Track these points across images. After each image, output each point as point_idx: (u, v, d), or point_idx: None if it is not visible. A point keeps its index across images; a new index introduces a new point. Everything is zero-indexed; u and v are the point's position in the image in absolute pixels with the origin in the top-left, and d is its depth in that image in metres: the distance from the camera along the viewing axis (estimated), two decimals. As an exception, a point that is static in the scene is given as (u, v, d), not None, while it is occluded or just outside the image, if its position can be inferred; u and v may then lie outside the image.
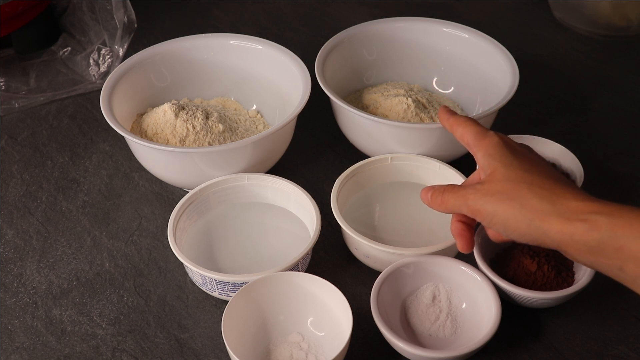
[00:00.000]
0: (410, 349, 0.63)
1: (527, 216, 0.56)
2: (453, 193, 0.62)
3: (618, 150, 0.89)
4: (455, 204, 0.61)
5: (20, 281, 0.76)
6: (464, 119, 0.67)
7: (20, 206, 0.84)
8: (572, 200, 0.55)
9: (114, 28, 0.99)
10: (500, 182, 0.59)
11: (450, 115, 0.68)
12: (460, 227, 0.64)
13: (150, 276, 0.76)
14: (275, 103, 0.89)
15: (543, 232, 0.55)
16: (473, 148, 0.64)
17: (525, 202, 0.56)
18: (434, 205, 0.64)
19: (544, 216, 0.55)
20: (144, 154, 0.79)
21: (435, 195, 0.64)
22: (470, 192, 0.60)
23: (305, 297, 0.68)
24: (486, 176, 0.60)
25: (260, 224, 0.79)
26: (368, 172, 0.80)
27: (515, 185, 0.58)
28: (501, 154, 0.61)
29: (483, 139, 0.63)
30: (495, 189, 0.58)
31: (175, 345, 0.70)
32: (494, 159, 0.61)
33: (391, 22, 0.93)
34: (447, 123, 0.69)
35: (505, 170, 0.59)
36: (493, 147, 0.62)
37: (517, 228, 0.57)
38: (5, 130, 0.94)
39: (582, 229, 0.53)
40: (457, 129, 0.67)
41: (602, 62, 1.05)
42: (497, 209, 0.58)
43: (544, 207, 0.55)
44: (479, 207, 0.59)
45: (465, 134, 0.65)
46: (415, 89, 0.92)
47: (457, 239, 0.64)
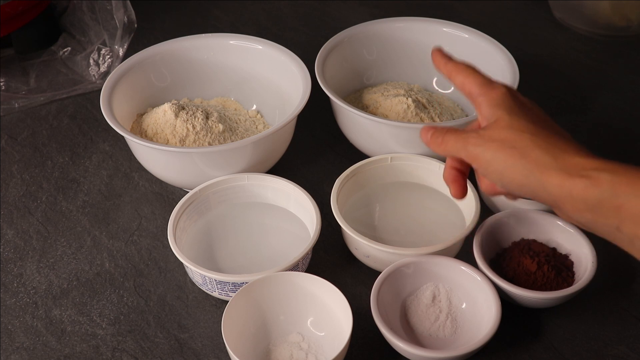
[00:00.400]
0: (410, 349, 0.63)
1: (527, 167, 0.54)
2: (454, 135, 0.59)
3: (618, 150, 0.89)
4: (455, 147, 0.59)
5: (20, 281, 0.76)
6: (464, 66, 0.62)
7: (20, 206, 0.84)
8: (574, 155, 0.54)
9: (114, 28, 0.99)
10: (503, 129, 0.56)
11: (448, 60, 0.63)
12: (454, 174, 0.63)
13: (150, 276, 0.76)
14: (275, 103, 0.89)
15: (541, 184, 0.54)
16: (477, 97, 0.60)
17: (526, 153, 0.55)
18: (432, 144, 0.61)
19: (544, 169, 0.54)
20: (144, 154, 0.79)
21: (436, 135, 0.61)
22: (472, 136, 0.58)
23: (305, 297, 0.68)
24: (490, 124, 0.58)
25: (260, 224, 0.79)
26: (368, 172, 0.80)
27: (518, 135, 0.56)
28: (507, 104, 0.58)
29: (490, 89, 0.60)
30: (497, 136, 0.56)
31: (175, 345, 0.70)
32: (499, 107, 0.58)
33: (391, 22, 0.93)
34: (444, 68, 0.63)
35: (510, 118, 0.57)
36: (500, 96, 0.59)
37: (514, 178, 0.55)
38: (5, 130, 0.94)
39: (582, 184, 0.52)
40: (457, 76, 0.62)
41: (602, 62, 1.05)
42: (496, 156, 0.56)
43: (546, 159, 0.54)
44: (478, 152, 0.57)
45: (467, 82, 0.61)
46: (415, 89, 0.92)
47: (451, 184, 0.63)
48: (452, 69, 0.62)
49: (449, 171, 0.63)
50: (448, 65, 0.63)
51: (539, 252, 0.71)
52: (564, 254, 0.73)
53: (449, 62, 0.63)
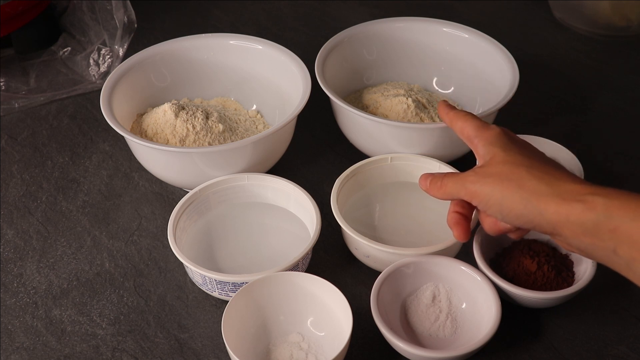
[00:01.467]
0: (410, 349, 0.63)
1: (524, 196, 0.56)
2: (452, 177, 0.63)
3: (618, 150, 0.89)
4: (454, 188, 0.62)
5: (20, 281, 0.76)
6: (464, 113, 0.68)
7: (20, 206, 0.84)
8: (569, 182, 0.56)
9: (114, 28, 0.99)
10: (499, 164, 0.59)
11: (450, 109, 0.70)
12: (457, 217, 0.65)
13: (150, 276, 0.76)
14: (275, 103, 0.89)
15: (539, 212, 0.56)
16: (474, 140, 0.64)
17: (522, 183, 0.57)
18: (432, 190, 0.65)
19: (541, 196, 0.56)
20: (144, 154, 0.79)
21: (434, 181, 0.64)
22: (469, 175, 0.61)
23: (305, 297, 0.68)
24: (486, 161, 0.61)
25: (260, 224, 0.79)
26: (368, 172, 0.80)
27: (513, 168, 0.58)
28: (502, 142, 0.62)
29: (485, 130, 0.64)
30: (493, 171, 0.59)
31: (175, 345, 0.70)
32: (493, 145, 0.62)
33: (391, 22, 0.93)
34: (446, 117, 0.70)
35: (505, 154, 0.60)
36: (494, 136, 0.63)
37: (513, 209, 0.57)
38: (5, 130, 0.94)
39: (578, 209, 0.53)
40: (457, 122, 0.67)
41: (602, 62, 1.05)
42: (494, 189, 0.58)
43: (542, 188, 0.56)
44: (476, 189, 0.60)
45: (465, 127, 0.66)
46: (415, 89, 0.92)
47: (454, 227, 0.65)
48: (452, 116, 0.68)
49: (452, 215, 0.65)
50: (450, 114, 0.69)
51: (539, 252, 0.71)
52: (564, 254, 0.73)
53: (450, 111, 0.69)
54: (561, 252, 0.73)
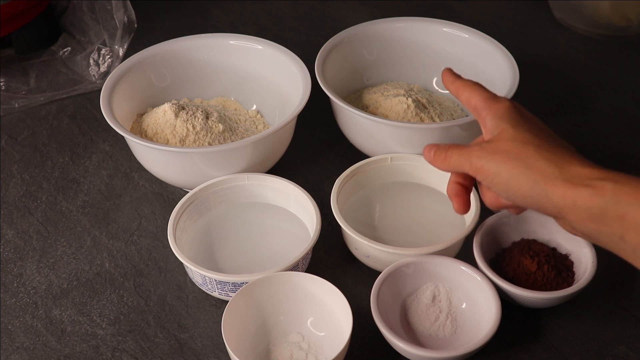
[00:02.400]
0: (410, 349, 0.63)
1: (532, 177, 0.55)
2: (457, 150, 0.61)
3: (618, 150, 0.89)
4: (459, 161, 0.60)
5: (20, 281, 0.76)
6: (471, 83, 0.64)
7: (20, 206, 0.84)
8: (578, 166, 0.54)
9: (114, 28, 0.99)
10: (507, 141, 0.57)
11: (456, 78, 0.66)
12: (457, 188, 0.63)
13: (150, 276, 0.76)
14: (275, 103, 0.89)
15: (546, 194, 0.54)
16: (482, 111, 0.62)
17: (531, 164, 0.55)
18: (436, 161, 0.63)
19: (549, 179, 0.54)
20: (144, 154, 0.79)
21: (439, 152, 0.62)
22: (475, 150, 0.59)
23: (305, 297, 0.68)
24: (493, 136, 0.59)
25: (260, 224, 0.79)
26: (368, 172, 0.80)
27: (522, 146, 0.57)
28: (511, 117, 0.59)
29: (494, 103, 0.61)
30: (501, 148, 0.57)
31: (175, 345, 0.70)
32: (503, 120, 0.59)
33: (391, 22, 0.93)
34: (452, 86, 0.66)
35: (514, 130, 0.58)
36: (504, 109, 0.60)
37: (519, 189, 0.56)
38: (5, 130, 0.94)
39: (586, 194, 0.52)
40: (463, 92, 0.64)
41: (602, 62, 1.05)
42: (501, 168, 0.57)
43: (550, 169, 0.55)
44: (482, 164, 0.58)
45: (472, 97, 0.63)
46: (415, 89, 0.92)
47: (454, 199, 0.63)
48: (459, 85, 0.65)
49: (452, 186, 0.64)
50: (456, 83, 0.65)
51: (539, 252, 0.71)
52: (564, 254, 0.73)
53: (456, 80, 0.66)
54: (561, 252, 0.73)
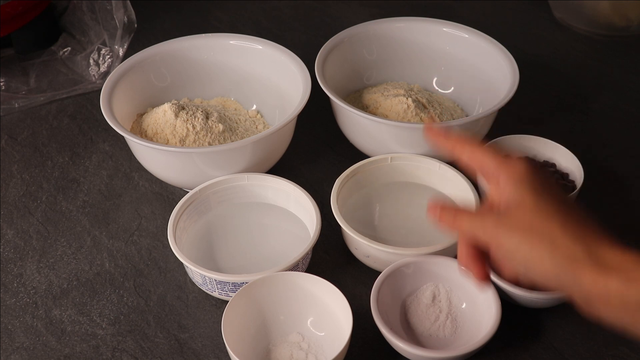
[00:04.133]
0: (410, 349, 0.63)
1: (557, 259, 0.49)
2: (468, 216, 0.54)
3: (618, 150, 0.89)
4: (471, 228, 0.54)
5: (20, 281, 0.76)
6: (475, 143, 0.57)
7: (20, 206, 0.84)
8: (609, 248, 0.49)
9: (114, 28, 0.99)
10: (527, 213, 0.51)
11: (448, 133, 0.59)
12: (473, 253, 0.55)
13: (150, 276, 0.76)
14: (275, 103, 0.89)
15: (573, 279, 0.48)
16: (495, 171, 0.55)
17: (556, 243, 0.49)
18: (443, 222, 0.56)
19: (577, 262, 0.48)
20: (144, 154, 0.79)
21: (446, 214, 0.55)
22: (491, 220, 0.52)
23: (305, 297, 0.68)
24: (511, 203, 0.52)
25: (260, 224, 0.79)
26: (368, 172, 0.80)
27: (545, 221, 0.50)
28: (531, 182, 0.53)
29: (507, 162, 0.55)
30: (522, 222, 0.51)
31: (175, 345, 0.70)
32: (522, 185, 0.52)
33: (391, 22, 0.93)
34: (447, 143, 0.58)
35: (535, 201, 0.51)
36: (522, 172, 0.53)
37: (542, 270, 0.50)
38: (5, 130, 0.94)
39: (620, 282, 0.47)
40: (462, 151, 0.57)
41: (602, 62, 1.05)
42: (521, 244, 0.50)
43: (578, 251, 0.49)
44: (500, 237, 0.51)
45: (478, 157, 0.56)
46: (415, 89, 0.92)
47: (472, 266, 0.55)
48: (455, 143, 0.58)
49: (466, 250, 0.55)
50: (450, 140, 0.58)
51: (539, 252, 0.71)
52: (564, 254, 0.72)
53: (450, 136, 0.58)
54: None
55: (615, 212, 0.81)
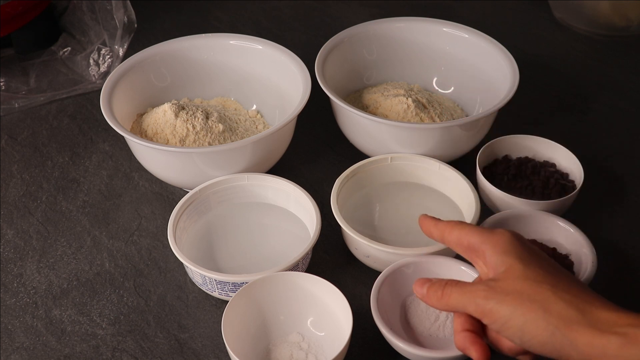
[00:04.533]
0: (410, 349, 0.63)
1: (551, 322, 0.49)
2: (457, 288, 0.54)
3: (618, 150, 0.89)
4: (460, 302, 0.54)
5: (20, 281, 0.76)
6: (457, 222, 0.59)
7: (20, 206, 0.84)
8: (602, 310, 0.49)
9: (114, 28, 0.99)
10: (517, 280, 0.51)
11: (437, 221, 0.60)
12: (470, 336, 0.55)
13: (150, 276, 0.76)
14: (275, 103, 0.89)
15: (569, 342, 0.48)
16: (480, 245, 0.55)
17: (549, 307, 0.49)
18: (431, 300, 0.56)
19: (571, 324, 0.48)
20: (144, 154, 0.79)
21: (433, 289, 0.56)
22: (481, 289, 0.52)
23: (305, 297, 0.68)
24: (500, 274, 0.53)
25: (260, 224, 0.79)
26: (368, 172, 0.80)
27: (536, 286, 0.50)
28: (516, 250, 0.53)
29: (492, 235, 0.55)
30: (512, 288, 0.51)
31: (175, 345, 0.70)
32: (508, 255, 0.53)
33: (391, 22, 0.93)
34: (435, 229, 0.60)
35: (524, 268, 0.52)
36: (506, 242, 0.54)
37: (536, 335, 0.49)
38: (5, 130, 0.94)
39: (617, 342, 0.47)
40: (451, 232, 0.58)
41: (602, 62, 1.05)
42: (514, 312, 0.50)
43: (571, 314, 0.49)
44: (491, 307, 0.51)
45: (464, 235, 0.57)
46: (415, 89, 0.92)
47: (472, 347, 0.54)
48: (444, 227, 0.59)
49: (462, 335, 0.55)
50: (439, 225, 0.60)
51: (539, 252, 0.71)
52: (564, 254, 0.72)
53: (439, 223, 0.60)
54: (561, 252, 0.73)
55: (615, 212, 0.81)
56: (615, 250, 0.77)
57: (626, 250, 0.77)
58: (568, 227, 0.73)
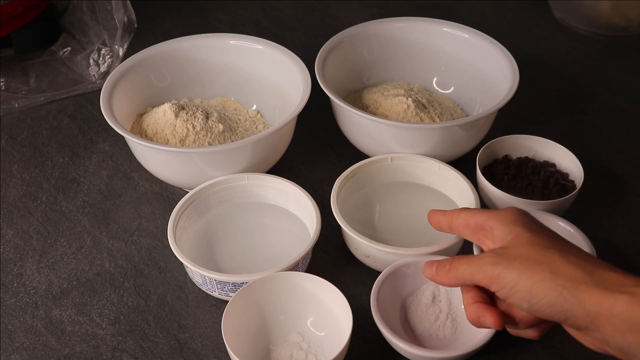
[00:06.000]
0: (410, 349, 0.63)
1: (559, 282, 0.49)
2: (465, 259, 0.55)
3: (618, 150, 0.89)
4: (468, 271, 0.54)
5: (20, 281, 0.76)
6: (462, 208, 0.60)
7: (20, 206, 0.84)
8: (610, 271, 0.49)
9: (114, 28, 0.99)
10: (525, 245, 0.52)
11: (444, 211, 0.62)
12: (483, 305, 0.55)
13: (150, 276, 0.76)
14: (275, 103, 0.89)
15: (577, 301, 0.48)
16: (487, 222, 0.56)
17: (556, 268, 0.49)
18: (440, 276, 0.57)
19: (579, 284, 0.48)
20: (144, 154, 0.79)
21: (442, 264, 0.57)
22: (489, 257, 0.53)
23: (305, 297, 0.68)
24: (507, 242, 0.53)
25: (260, 224, 0.79)
26: (368, 172, 0.80)
27: (543, 251, 0.51)
28: (523, 220, 0.54)
29: (498, 211, 0.56)
30: (519, 253, 0.51)
31: (175, 345, 0.70)
32: (515, 224, 0.54)
33: (391, 22, 0.93)
34: (443, 218, 0.61)
35: (530, 234, 0.52)
36: (513, 214, 0.55)
37: (544, 297, 0.50)
38: (5, 130, 0.94)
39: (625, 301, 0.47)
40: (459, 216, 0.59)
41: (602, 62, 1.05)
42: (522, 274, 0.50)
43: (579, 274, 0.49)
44: (499, 272, 0.51)
45: (472, 216, 0.58)
46: (415, 89, 0.92)
47: (487, 314, 0.54)
48: (450, 213, 0.61)
49: (475, 306, 0.55)
50: (446, 213, 0.61)
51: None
52: (564, 254, 0.72)
53: (446, 211, 0.61)
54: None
55: (615, 212, 0.81)
56: (615, 250, 0.77)
57: (626, 250, 0.77)
58: (568, 227, 0.73)
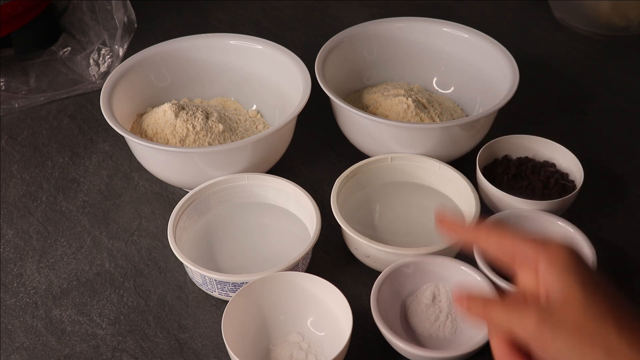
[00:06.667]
0: (410, 349, 0.63)
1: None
2: (502, 307, 0.48)
3: (618, 150, 0.89)
4: (505, 320, 0.47)
5: (20, 281, 0.76)
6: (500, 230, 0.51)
7: (20, 206, 0.84)
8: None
9: (114, 28, 0.99)
10: (577, 311, 0.45)
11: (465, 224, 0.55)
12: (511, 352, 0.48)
13: (150, 276, 0.76)
14: (275, 103, 0.89)
15: None
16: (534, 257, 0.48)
17: (611, 345, 0.44)
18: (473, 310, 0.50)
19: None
20: (144, 154, 0.79)
21: (475, 304, 0.50)
22: (533, 316, 0.46)
23: (305, 297, 0.68)
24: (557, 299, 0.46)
25: (260, 224, 0.79)
26: (368, 172, 0.80)
27: (598, 323, 0.45)
28: (576, 272, 0.46)
29: (547, 248, 0.48)
30: (571, 322, 0.45)
31: (175, 345, 0.70)
32: (567, 276, 0.46)
33: (391, 22, 0.93)
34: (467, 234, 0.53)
35: (586, 297, 0.45)
36: (564, 259, 0.47)
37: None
38: (5, 130, 0.94)
39: None
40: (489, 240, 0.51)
41: (602, 62, 1.05)
42: (571, 348, 0.44)
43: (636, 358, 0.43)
44: (544, 340, 0.45)
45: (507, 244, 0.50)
46: (415, 89, 0.92)
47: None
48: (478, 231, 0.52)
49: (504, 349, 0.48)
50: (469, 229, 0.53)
51: (539, 252, 0.71)
52: (564, 254, 0.72)
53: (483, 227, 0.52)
54: (561, 252, 0.73)
55: (615, 212, 0.81)
56: (615, 250, 0.77)
57: (626, 250, 0.77)
58: (568, 227, 0.73)
